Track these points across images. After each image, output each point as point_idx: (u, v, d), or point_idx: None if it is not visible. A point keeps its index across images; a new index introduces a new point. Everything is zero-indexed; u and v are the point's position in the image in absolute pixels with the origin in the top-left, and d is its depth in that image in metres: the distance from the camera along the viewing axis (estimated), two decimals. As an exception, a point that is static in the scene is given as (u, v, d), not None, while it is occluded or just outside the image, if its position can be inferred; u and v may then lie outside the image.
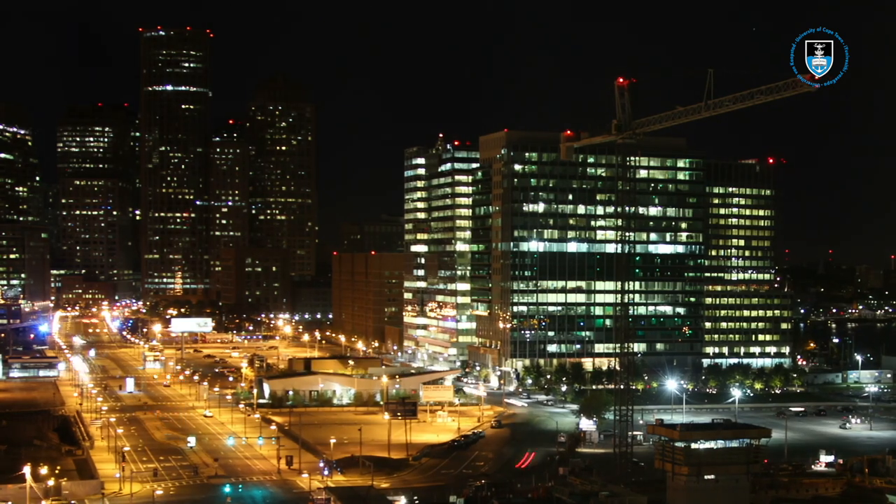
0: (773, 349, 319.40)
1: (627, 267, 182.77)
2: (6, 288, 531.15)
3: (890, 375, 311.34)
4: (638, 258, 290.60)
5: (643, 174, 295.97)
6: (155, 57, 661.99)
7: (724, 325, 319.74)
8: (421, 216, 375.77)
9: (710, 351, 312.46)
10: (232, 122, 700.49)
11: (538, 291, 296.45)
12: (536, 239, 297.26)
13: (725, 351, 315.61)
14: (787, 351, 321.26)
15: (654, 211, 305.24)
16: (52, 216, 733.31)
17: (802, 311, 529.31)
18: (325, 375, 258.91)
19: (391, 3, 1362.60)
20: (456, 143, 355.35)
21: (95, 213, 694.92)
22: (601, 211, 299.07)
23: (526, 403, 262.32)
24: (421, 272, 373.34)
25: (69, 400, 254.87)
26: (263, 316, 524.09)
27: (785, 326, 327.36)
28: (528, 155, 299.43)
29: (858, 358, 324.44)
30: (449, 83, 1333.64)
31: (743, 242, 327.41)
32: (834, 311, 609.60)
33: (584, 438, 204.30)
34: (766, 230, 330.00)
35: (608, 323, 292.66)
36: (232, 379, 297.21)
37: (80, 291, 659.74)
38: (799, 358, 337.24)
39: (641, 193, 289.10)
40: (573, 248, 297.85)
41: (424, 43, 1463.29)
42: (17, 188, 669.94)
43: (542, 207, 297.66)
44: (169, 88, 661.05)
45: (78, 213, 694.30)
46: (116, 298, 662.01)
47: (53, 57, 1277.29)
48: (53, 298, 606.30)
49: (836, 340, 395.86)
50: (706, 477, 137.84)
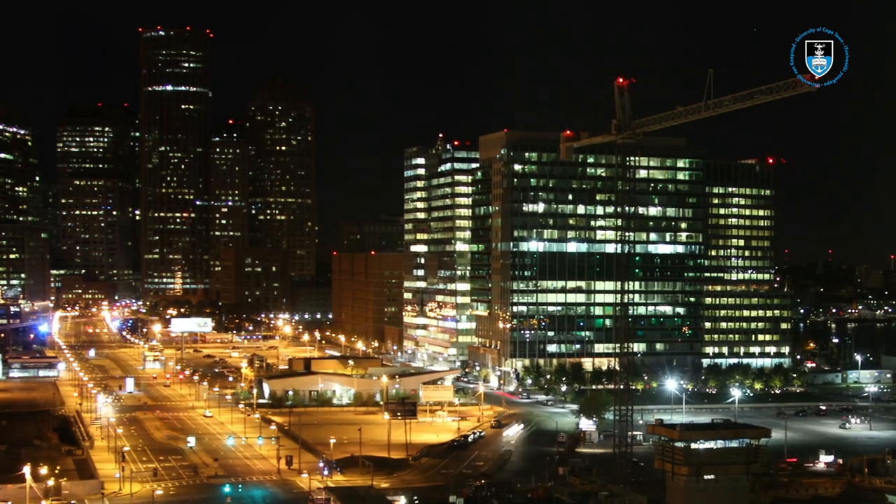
0: (772, 349, 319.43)
1: (627, 267, 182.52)
2: (6, 288, 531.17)
3: (889, 375, 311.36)
4: (638, 258, 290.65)
5: (643, 174, 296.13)
6: (155, 57, 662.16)
7: (723, 325, 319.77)
8: (421, 216, 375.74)
9: (709, 351, 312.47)
10: (232, 122, 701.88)
11: (538, 291, 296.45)
12: (536, 239, 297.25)
13: (725, 351, 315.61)
14: (786, 351, 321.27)
15: (653, 211, 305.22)
16: (51, 216, 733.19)
17: (802, 311, 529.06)
18: (324, 375, 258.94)
19: (391, 3, 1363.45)
20: (456, 143, 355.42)
21: (95, 213, 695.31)
22: (601, 211, 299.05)
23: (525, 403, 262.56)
24: (421, 272, 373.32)
25: (69, 400, 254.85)
26: (263, 316, 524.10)
27: (785, 326, 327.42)
28: (527, 155, 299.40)
29: (858, 358, 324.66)
30: (449, 83, 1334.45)
31: (743, 242, 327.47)
32: (834, 311, 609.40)
33: (583, 438, 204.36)
34: (765, 230, 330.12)
35: (608, 323, 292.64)
36: (232, 379, 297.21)
37: (79, 291, 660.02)
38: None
39: (641, 193, 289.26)
40: (573, 248, 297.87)
41: (424, 43, 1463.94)
42: (16, 188, 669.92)
43: (541, 207, 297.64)
44: (169, 88, 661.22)
45: (78, 213, 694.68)
46: (116, 298, 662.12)
47: (53, 57, 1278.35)
48: (53, 298, 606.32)
49: (835, 340, 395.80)
50: (706, 477, 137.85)
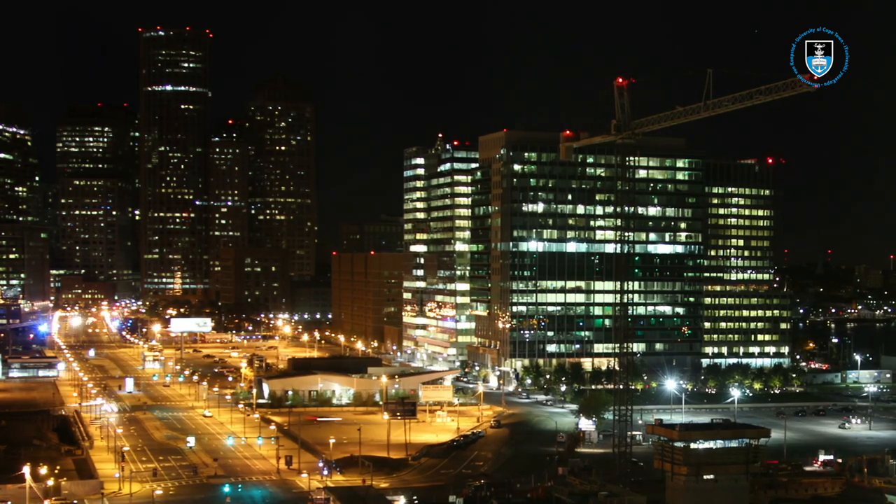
0: (772, 349, 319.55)
1: (626, 267, 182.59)
2: (6, 288, 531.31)
3: (889, 375, 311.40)
4: (637, 258, 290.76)
5: (642, 174, 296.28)
6: (154, 57, 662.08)
7: (723, 325, 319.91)
8: (420, 216, 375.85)
9: (709, 351, 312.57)
10: (231, 122, 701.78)
11: (537, 291, 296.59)
12: (536, 239, 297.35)
13: (724, 351, 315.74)
14: (786, 351, 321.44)
15: (653, 211, 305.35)
16: (51, 216, 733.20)
17: (801, 311, 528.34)
18: (324, 375, 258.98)
19: (391, 3, 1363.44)
20: (455, 143, 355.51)
21: (95, 213, 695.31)
22: (600, 211, 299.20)
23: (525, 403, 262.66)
24: (420, 272, 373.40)
25: (68, 400, 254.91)
26: (263, 316, 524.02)
27: (784, 326, 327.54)
28: (527, 155, 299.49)
29: (857, 358, 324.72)
30: (449, 83, 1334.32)
31: (742, 242, 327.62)
32: (833, 311, 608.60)
33: (583, 438, 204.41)
34: (765, 230, 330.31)
35: (607, 323, 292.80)
36: (231, 379, 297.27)
37: (79, 291, 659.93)
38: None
39: (640, 193, 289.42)
40: (572, 248, 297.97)
41: (424, 43, 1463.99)
42: (16, 188, 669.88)
43: (541, 207, 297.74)
44: (168, 88, 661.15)
45: (77, 213, 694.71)
46: (116, 298, 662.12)
47: (53, 57, 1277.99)
48: (53, 298, 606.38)
49: (835, 340, 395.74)
50: (705, 477, 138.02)
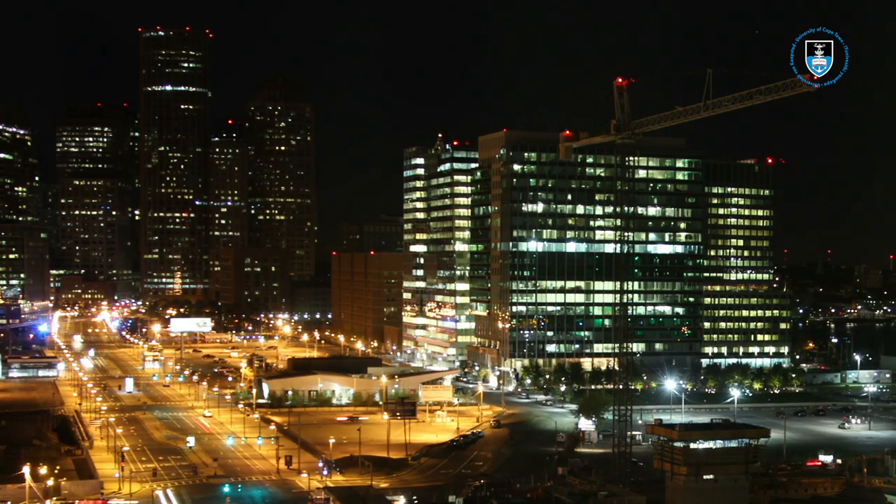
0: (771, 349, 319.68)
1: (626, 267, 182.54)
2: (5, 288, 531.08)
3: (889, 375, 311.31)
4: (637, 258, 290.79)
5: (642, 174, 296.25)
6: (154, 57, 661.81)
7: (722, 325, 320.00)
8: (420, 216, 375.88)
9: (708, 351, 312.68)
10: (231, 122, 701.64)
11: (537, 291, 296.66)
12: (535, 239, 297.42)
13: (724, 351, 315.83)
14: (785, 351, 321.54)
15: (652, 211, 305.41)
16: (51, 216, 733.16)
17: (801, 311, 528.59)
18: (324, 375, 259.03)
19: (391, 3, 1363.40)
20: (455, 143, 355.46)
21: (95, 213, 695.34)
22: (600, 211, 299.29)
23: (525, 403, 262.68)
24: (420, 272, 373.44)
25: (68, 400, 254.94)
26: (262, 316, 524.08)
27: (784, 326, 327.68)
28: (527, 155, 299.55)
29: (857, 358, 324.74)
30: (449, 83, 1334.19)
31: (742, 242, 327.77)
32: (833, 311, 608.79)
33: (582, 438, 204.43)
34: (764, 230, 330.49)
35: (607, 323, 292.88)
36: (231, 379, 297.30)
37: (79, 291, 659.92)
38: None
39: (640, 193, 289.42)
40: (572, 248, 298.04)
41: (424, 43, 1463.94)
42: (16, 188, 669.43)
43: (541, 207, 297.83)
44: (168, 88, 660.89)
45: (77, 213, 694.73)
46: (116, 298, 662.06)
47: (53, 57, 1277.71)
48: (53, 298, 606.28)
49: (834, 340, 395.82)
50: (705, 477, 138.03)
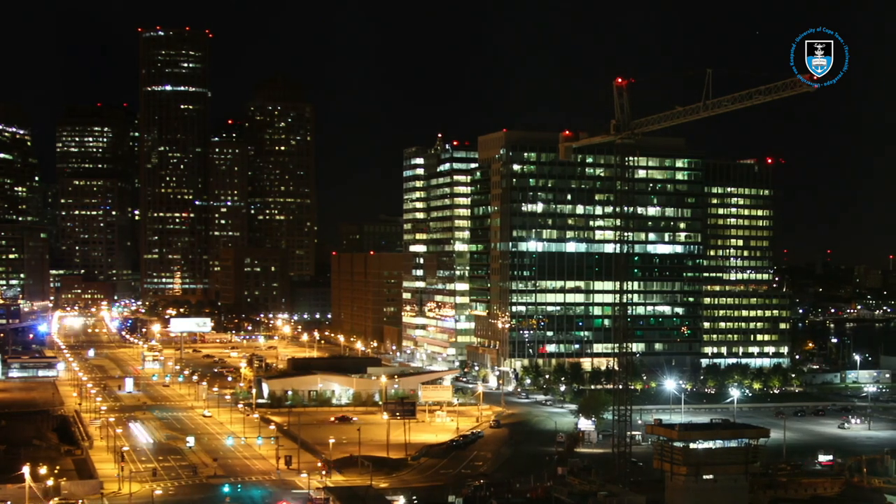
0: (771, 349, 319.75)
1: (626, 267, 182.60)
2: (5, 288, 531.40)
3: (888, 375, 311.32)
4: (636, 258, 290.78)
5: (642, 174, 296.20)
6: (154, 57, 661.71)
7: (722, 325, 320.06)
8: (420, 216, 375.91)
9: (708, 351, 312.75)
10: (231, 122, 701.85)
11: (537, 291, 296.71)
12: (535, 239, 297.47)
13: (724, 351, 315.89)
14: (785, 351, 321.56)
15: (652, 211, 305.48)
16: (51, 216, 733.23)
17: (801, 311, 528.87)
18: (323, 375, 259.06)
19: (391, 3, 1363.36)
20: (455, 143, 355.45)
21: (94, 213, 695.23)
22: (600, 211, 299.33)
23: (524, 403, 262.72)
24: (420, 272, 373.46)
25: (68, 400, 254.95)
26: (262, 316, 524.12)
27: (783, 326, 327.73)
28: (526, 155, 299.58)
29: (857, 358, 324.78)
30: (449, 83, 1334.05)
31: (741, 242, 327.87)
32: (832, 311, 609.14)
33: (582, 438, 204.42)
34: (764, 230, 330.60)
35: (607, 323, 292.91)
36: (231, 379, 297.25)
37: (79, 291, 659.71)
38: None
39: (640, 193, 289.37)
40: (572, 248, 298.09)
41: (424, 43, 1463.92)
42: (16, 188, 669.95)
43: (540, 207, 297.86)
44: (168, 88, 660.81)
45: (77, 213, 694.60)
46: (115, 298, 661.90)
47: (53, 57, 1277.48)
48: (52, 298, 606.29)
49: (834, 340, 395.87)
50: (705, 477, 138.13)
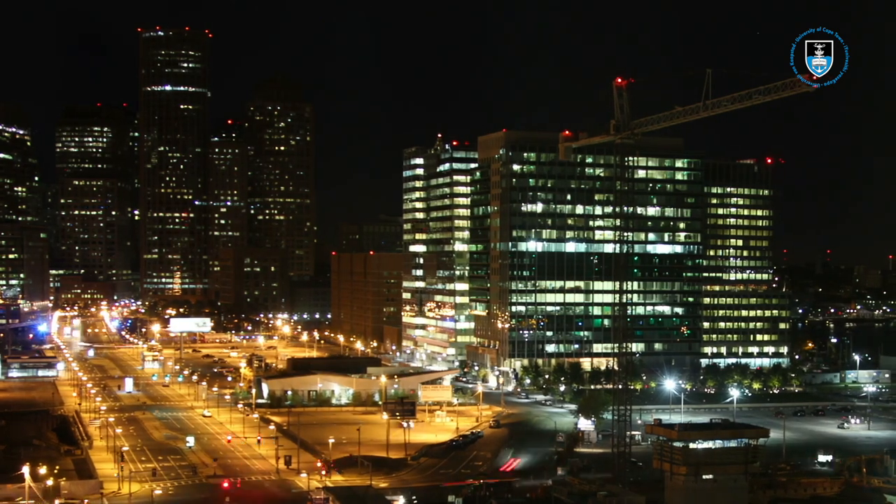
0: (771, 349, 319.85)
1: (626, 267, 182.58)
2: (5, 288, 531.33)
3: (888, 375, 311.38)
4: (636, 258, 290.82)
5: (641, 174, 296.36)
6: (154, 57, 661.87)
7: (722, 325, 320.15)
8: (419, 216, 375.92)
9: (708, 351, 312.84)
10: (231, 122, 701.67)
11: (536, 291, 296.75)
12: (535, 239, 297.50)
13: (724, 351, 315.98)
14: (785, 351, 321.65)
15: (652, 211, 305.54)
16: (50, 216, 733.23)
17: (800, 310, 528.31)
18: (323, 375, 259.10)
19: (391, 3, 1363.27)
20: (454, 143, 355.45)
21: (94, 213, 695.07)
22: (599, 211, 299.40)
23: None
24: (419, 272, 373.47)
25: (68, 400, 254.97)
26: (262, 316, 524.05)
27: (783, 326, 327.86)
28: (526, 155, 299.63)
29: (856, 358, 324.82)
30: (449, 83, 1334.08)
31: (741, 242, 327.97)
32: (832, 310, 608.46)
33: (582, 438, 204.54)
34: (764, 230, 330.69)
35: (606, 323, 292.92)
36: (231, 379, 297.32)
37: (78, 291, 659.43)
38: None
39: (639, 193, 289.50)
40: (571, 248, 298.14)
41: (424, 43, 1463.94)
42: (15, 188, 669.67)
43: (540, 207, 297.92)
44: (168, 88, 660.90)
45: (77, 213, 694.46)
46: (115, 298, 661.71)
47: (53, 57, 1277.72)
48: (52, 298, 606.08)
49: (834, 340, 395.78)
50: (704, 477, 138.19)
